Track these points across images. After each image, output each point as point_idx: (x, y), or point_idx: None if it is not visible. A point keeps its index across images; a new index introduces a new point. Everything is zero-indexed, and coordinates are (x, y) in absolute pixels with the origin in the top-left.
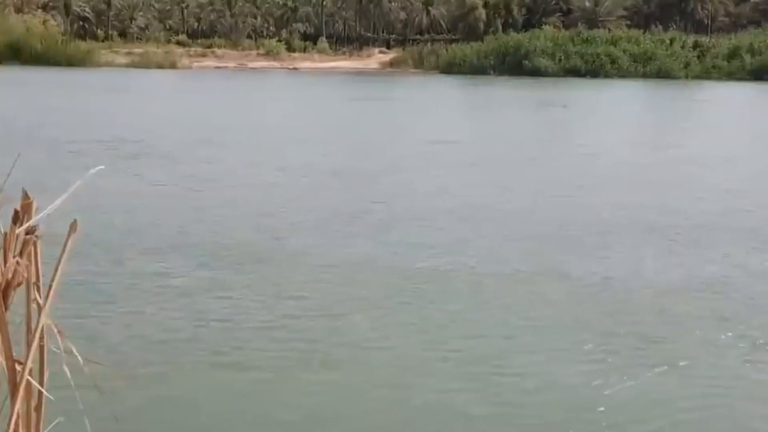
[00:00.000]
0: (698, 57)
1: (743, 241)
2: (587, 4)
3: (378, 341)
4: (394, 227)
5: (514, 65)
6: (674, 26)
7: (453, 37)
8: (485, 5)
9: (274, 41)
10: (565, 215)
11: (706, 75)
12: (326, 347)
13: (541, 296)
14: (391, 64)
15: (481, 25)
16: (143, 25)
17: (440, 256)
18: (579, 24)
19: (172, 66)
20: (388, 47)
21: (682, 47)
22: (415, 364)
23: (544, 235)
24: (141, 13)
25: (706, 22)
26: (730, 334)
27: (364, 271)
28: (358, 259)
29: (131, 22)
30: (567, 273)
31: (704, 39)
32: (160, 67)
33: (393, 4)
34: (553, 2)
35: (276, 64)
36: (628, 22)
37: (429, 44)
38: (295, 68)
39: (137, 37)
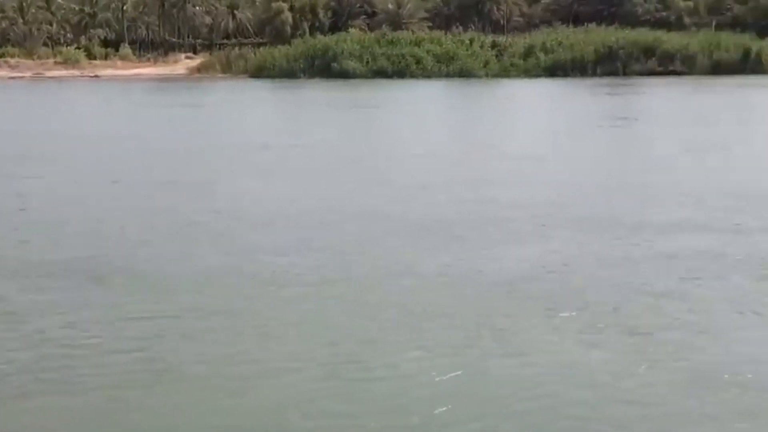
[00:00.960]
0: (496, 56)
1: (578, 229)
2: (390, 6)
3: (233, 351)
4: (239, 235)
5: (323, 68)
6: (473, 27)
7: (261, 40)
8: (291, 9)
9: (72, 49)
10: (408, 213)
11: (504, 73)
12: (176, 362)
13: (393, 295)
14: (199, 69)
15: (288, 29)
16: None
17: (289, 260)
18: (383, 26)
19: None
20: (195, 52)
21: (481, 47)
22: (273, 372)
23: (392, 234)
24: None
25: (502, 22)
26: (573, 318)
27: (213, 280)
28: (205, 269)
29: None
30: (417, 270)
31: (501, 39)
32: None
33: (197, 8)
34: (358, 5)
35: (76, 72)
36: (430, 24)
37: (237, 48)
38: (96, 76)
39: None
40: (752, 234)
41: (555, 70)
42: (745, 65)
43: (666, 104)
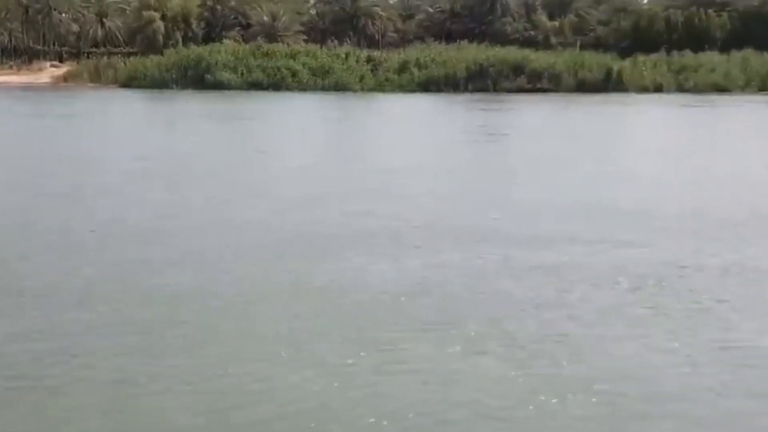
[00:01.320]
0: (372, 70)
1: (456, 242)
2: (265, 18)
3: (112, 370)
4: (117, 249)
5: (197, 79)
6: (348, 41)
7: (131, 50)
8: (163, 18)
9: None
10: (286, 227)
11: (379, 87)
12: (56, 382)
13: (275, 310)
14: (66, 78)
15: (161, 38)
16: None
17: (169, 275)
18: (258, 38)
19: None
20: (61, 60)
21: (357, 61)
22: (150, 392)
23: (271, 248)
24: None
25: (377, 37)
26: (452, 332)
27: (96, 293)
28: (86, 283)
29: None
30: (298, 285)
31: (376, 53)
32: None
33: (64, 15)
34: (232, 16)
35: None
36: (306, 37)
37: (106, 57)
38: None
39: None
40: (621, 246)
41: (428, 86)
42: (608, 84)
43: (535, 120)
